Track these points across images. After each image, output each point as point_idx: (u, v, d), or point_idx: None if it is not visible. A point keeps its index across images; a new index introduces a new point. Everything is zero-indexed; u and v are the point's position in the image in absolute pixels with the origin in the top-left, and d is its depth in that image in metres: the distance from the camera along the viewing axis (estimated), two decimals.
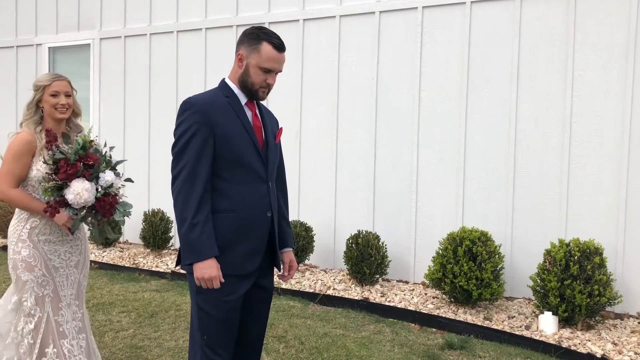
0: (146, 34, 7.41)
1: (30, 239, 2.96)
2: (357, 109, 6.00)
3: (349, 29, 6.04)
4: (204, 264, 2.28)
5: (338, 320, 4.69)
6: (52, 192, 2.75)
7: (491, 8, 5.35)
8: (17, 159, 2.91)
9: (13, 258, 2.95)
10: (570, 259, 4.37)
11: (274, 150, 2.54)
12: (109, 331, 4.40)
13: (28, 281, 2.92)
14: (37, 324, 2.94)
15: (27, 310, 2.93)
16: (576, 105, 4.99)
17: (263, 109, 2.60)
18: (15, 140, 2.94)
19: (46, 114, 3.01)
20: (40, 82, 3.00)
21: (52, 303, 2.97)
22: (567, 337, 4.26)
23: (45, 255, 2.98)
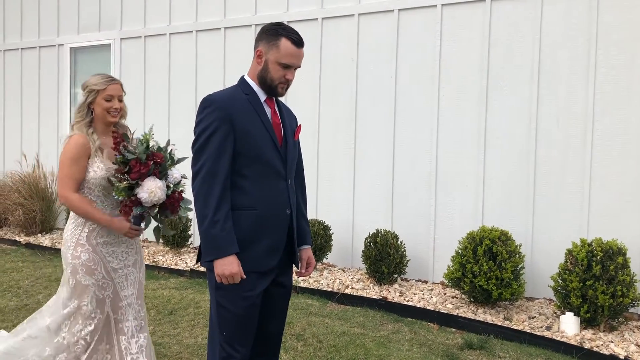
0: (166, 34, 7.47)
1: (89, 243, 2.92)
2: (376, 108, 5.98)
3: (367, 28, 6.02)
4: (224, 261, 2.29)
5: (356, 319, 4.68)
6: (124, 192, 2.75)
7: (512, 5, 5.29)
8: (75, 162, 2.88)
9: (72, 263, 2.90)
10: (592, 259, 4.30)
11: (293, 147, 2.55)
12: None
13: (89, 285, 2.89)
14: (97, 325, 2.92)
15: (87, 314, 2.91)
16: (599, 103, 4.92)
17: (282, 106, 2.60)
18: (70, 143, 2.91)
19: (97, 116, 2.96)
20: (94, 86, 2.94)
21: (112, 303, 2.95)
22: (589, 339, 4.20)
23: (105, 258, 2.94)
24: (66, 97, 8.49)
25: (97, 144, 2.91)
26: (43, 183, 8.01)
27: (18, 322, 4.44)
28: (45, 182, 8.05)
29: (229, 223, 2.29)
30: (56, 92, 8.60)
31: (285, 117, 2.56)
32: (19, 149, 8.93)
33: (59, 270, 6.17)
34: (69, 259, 2.91)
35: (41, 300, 5.04)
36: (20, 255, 7.01)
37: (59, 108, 8.57)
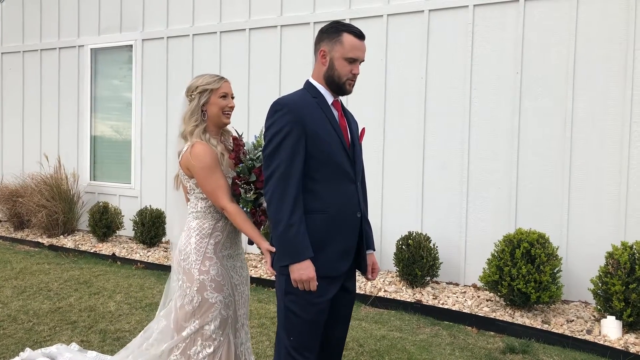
0: (189, 35, 7.44)
1: (217, 256, 2.71)
2: (405, 109, 5.94)
3: (396, 28, 5.98)
4: (301, 265, 2.26)
5: (393, 323, 4.64)
6: (252, 204, 2.62)
7: (546, 6, 5.24)
8: (214, 170, 2.65)
9: (200, 279, 2.66)
10: (635, 262, 4.26)
11: (359, 150, 2.53)
12: None
13: (216, 303, 2.68)
14: (216, 348, 2.70)
15: (207, 334, 2.69)
16: (636, 104, 4.87)
17: (345, 110, 2.57)
18: (199, 154, 2.65)
19: (210, 119, 2.76)
20: (207, 85, 2.74)
21: (232, 325, 2.78)
22: (633, 343, 4.15)
23: (229, 272, 2.75)
24: (87, 99, 8.48)
25: (219, 150, 2.72)
26: (65, 184, 7.99)
27: (54, 325, 4.46)
28: (67, 184, 8.04)
29: (303, 227, 2.27)
30: (76, 93, 8.58)
31: (349, 119, 2.55)
32: (38, 151, 8.92)
33: (85, 272, 6.16)
34: (196, 274, 2.67)
35: (73, 303, 5.02)
36: (45, 257, 6.99)
37: (79, 110, 8.56)
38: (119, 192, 8.15)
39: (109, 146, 8.48)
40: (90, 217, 7.53)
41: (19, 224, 8.43)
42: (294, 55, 6.62)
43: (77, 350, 3.96)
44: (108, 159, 8.47)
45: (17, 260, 6.72)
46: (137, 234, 7.20)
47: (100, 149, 8.53)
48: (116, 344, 4.14)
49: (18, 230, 8.48)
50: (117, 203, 8.00)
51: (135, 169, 8.00)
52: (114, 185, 8.23)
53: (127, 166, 8.16)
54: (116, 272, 6.20)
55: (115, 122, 8.43)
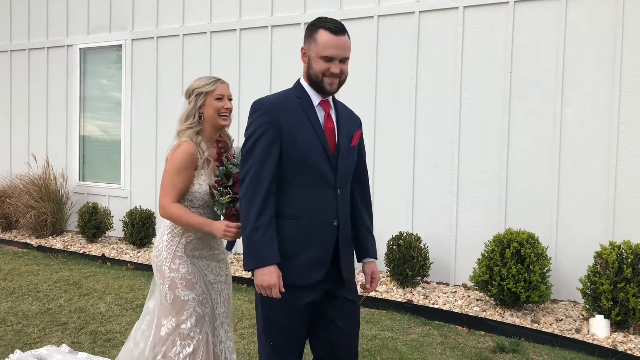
0: (179, 35, 7.42)
1: (187, 255, 2.74)
2: (396, 109, 5.96)
3: (387, 29, 6.00)
4: (264, 271, 2.18)
5: (384, 323, 4.66)
6: (226, 206, 2.61)
7: (535, 7, 5.29)
8: (180, 171, 2.67)
9: (170, 276, 2.70)
10: (623, 261, 4.31)
11: (348, 154, 2.40)
12: None
13: (189, 300, 2.70)
14: (196, 347, 2.71)
15: (185, 332, 2.70)
16: (624, 105, 4.92)
17: (341, 110, 2.46)
18: (178, 151, 2.70)
19: (207, 121, 2.78)
20: (202, 88, 2.76)
21: (210, 322, 2.78)
22: (621, 341, 4.20)
23: (202, 271, 2.77)
24: (75, 99, 8.42)
25: (205, 155, 2.72)
26: (54, 185, 7.93)
27: (44, 327, 4.43)
28: (56, 184, 7.98)
29: (271, 230, 2.20)
30: (65, 93, 8.53)
31: (343, 121, 2.42)
32: (26, 151, 8.85)
33: (75, 273, 6.12)
34: (166, 272, 2.72)
35: (63, 305, 4.99)
36: (33, 258, 6.94)
37: (68, 109, 8.50)
38: (108, 193, 8.10)
39: (98, 146, 8.43)
40: (80, 218, 7.49)
41: (7, 224, 8.36)
42: (285, 55, 6.62)
43: (68, 351, 3.94)
44: (97, 159, 8.42)
45: (5, 261, 6.66)
46: (126, 235, 7.17)
47: (90, 149, 8.48)
48: (107, 345, 4.13)
49: (6, 231, 8.40)
50: (107, 204, 7.95)
51: (125, 170, 7.96)
52: (103, 186, 8.18)
53: (117, 166, 8.12)
54: (106, 273, 6.16)
55: (104, 122, 8.38)
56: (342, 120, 2.43)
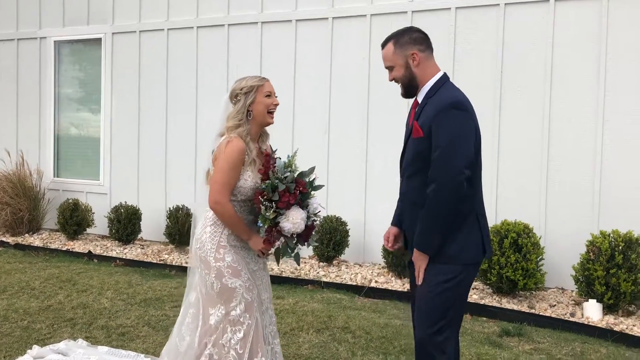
0: (163, 29, 7.36)
1: (230, 244, 2.81)
2: (389, 107, 6.12)
3: (380, 29, 6.15)
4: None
5: (391, 312, 4.82)
6: (270, 222, 2.68)
7: (525, 9, 5.56)
8: (234, 167, 2.74)
9: (217, 266, 2.75)
10: (614, 249, 4.62)
11: (411, 144, 2.63)
12: (171, 325, 4.37)
13: (237, 288, 2.76)
14: (247, 332, 2.76)
15: (235, 319, 2.75)
16: (608, 104, 5.25)
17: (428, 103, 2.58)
18: (232, 148, 2.74)
19: (255, 118, 2.83)
20: (252, 83, 2.81)
21: (258, 307, 2.84)
22: (613, 323, 4.51)
23: (244, 259, 2.84)
24: (49, 93, 8.20)
25: (253, 154, 2.79)
26: (29, 181, 7.70)
27: (51, 323, 4.37)
28: (32, 181, 7.75)
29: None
30: (38, 88, 8.28)
31: (423, 114, 2.58)
32: None
33: (64, 270, 5.99)
34: (212, 262, 2.77)
35: (63, 301, 4.91)
36: (13, 256, 6.73)
37: (41, 105, 8.26)
38: (86, 189, 7.94)
39: (74, 142, 8.24)
40: (60, 215, 7.31)
41: None
42: (276, 53, 6.69)
43: (87, 345, 3.91)
44: (74, 155, 8.23)
45: None
46: (112, 231, 7.06)
47: (65, 145, 8.27)
48: (123, 339, 4.11)
49: None
50: (85, 200, 7.78)
51: (105, 166, 7.82)
52: (80, 182, 8.01)
53: (95, 162, 7.97)
54: (96, 270, 6.06)
55: (81, 118, 8.20)
56: (422, 113, 2.59)
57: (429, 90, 2.60)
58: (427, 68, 2.63)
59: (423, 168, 2.53)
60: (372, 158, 6.21)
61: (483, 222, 2.60)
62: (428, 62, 2.63)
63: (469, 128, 2.50)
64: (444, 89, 2.57)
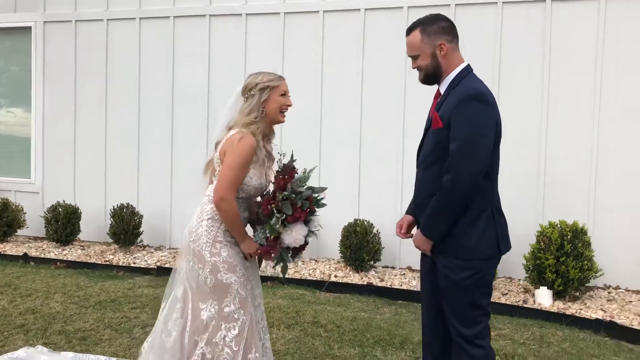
0: (102, 20, 7.02)
1: (226, 240, 2.76)
2: (342, 103, 6.18)
3: (333, 24, 6.20)
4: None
5: (355, 305, 4.87)
6: (274, 233, 2.64)
7: (474, 10, 5.79)
8: (245, 166, 2.69)
9: (212, 261, 2.70)
10: (564, 238, 4.91)
11: (430, 135, 2.63)
12: (134, 327, 4.22)
13: (232, 283, 2.71)
14: (241, 328, 2.70)
15: (229, 315, 2.69)
16: (552, 102, 5.57)
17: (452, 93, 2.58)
18: (245, 145, 2.67)
19: (268, 116, 2.78)
20: (268, 82, 2.76)
21: (252, 303, 2.80)
22: (563, 308, 4.80)
23: (239, 254, 2.79)
24: None
25: (262, 154, 2.75)
26: None
27: (0, 330, 4.05)
28: None
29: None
30: None
31: (444, 104, 2.58)
32: None
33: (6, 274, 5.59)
34: (207, 257, 2.71)
35: (7, 307, 4.58)
36: None
37: None
38: (14, 188, 7.43)
39: (1, 139, 7.69)
40: None
41: None
42: (225, 46, 6.56)
43: (48, 351, 3.68)
44: (1, 152, 7.68)
45: None
46: (49, 232, 6.66)
47: None
48: (86, 344, 3.91)
49: None
50: (14, 199, 7.28)
51: (36, 163, 7.36)
52: (7, 180, 7.48)
53: (24, 159, 7.48)
54: (36, 273, 5.70)
55: (8, 113, 7.66)
56: (444, 104, 2.59)
57: (452, 81, 2.60)
58: (453, 59, 2.63)
59: (441, 158, 2.52)
60: (326, 152, 6.23)
61: (498, 218, 2.60)
62: (454, 53, 2.63)
63: (489, 121, 2.49)
64: (467, 80, 2.57)
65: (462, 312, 2.56)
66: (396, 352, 3.87)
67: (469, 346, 2.55)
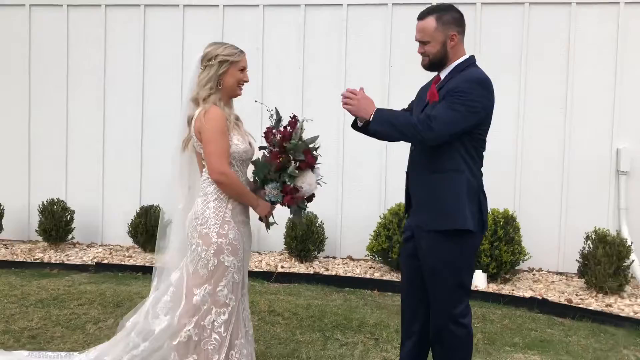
0: (25, 5, 6.63)
1: (235, 221, 2.76)
2: (283, 97, 6.24)
3: (273, 19, 6.25)
4: None
5: (307, 294, 4.98)
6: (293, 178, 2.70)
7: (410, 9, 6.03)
8: (222, 134, 2.71)
9: (218, 242, 2.71)
10: (497, 224, 5.28)
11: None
12: (86, 323, 4.09)
13: (230, 266, 2.73)
14: (230, 314, 2.73)
15: (222, 300, 2.71)
16: None
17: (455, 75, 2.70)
18: (213, 115, 2.71)
19: (226, 89, 2.81)
20: (228, 57, 2.78)
21: (240, 289, 2.82)
22: (497, 289, 5.17)
23: (243, 237, 2.81)
24: None
25: (232, 119, 2.80)
26: None
27: None
28: None
29: None
30: None
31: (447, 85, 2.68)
32: None
33: None
34: (214, 237, 2.71)
35: None
36: None
37: None
38: None
39: None
40: None
41: None
42: (159, 37, 6.43)
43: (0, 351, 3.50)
44: None
45: None
46: None
47: None
48: (37, 342, 3.76)
49: None
50: None
51: None
52: None
53: None
54: None
55: None
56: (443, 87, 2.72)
57: (458, 66, 2.71)
58: (459, 50, 2.74)
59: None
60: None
61: (483, 199, 2.77)
62: (461, 45, 2.75)
63: (484, 104, 2.64)
64: (474, 68, 2.72)
65: (449, 291, 2.71)
66: (355, 334, 4.02)
67: (455, 326, 2.71)
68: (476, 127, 2.69)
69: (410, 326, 2.96)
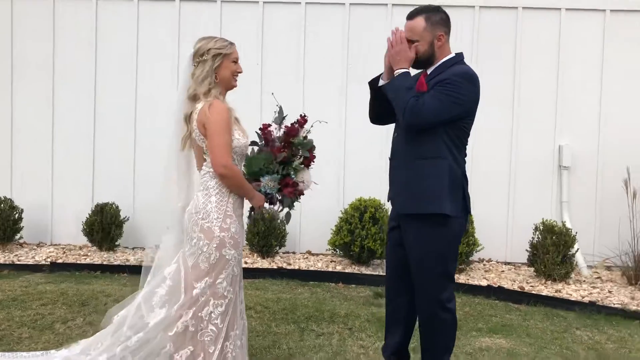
0: None
1: (236, 214, 2.81)
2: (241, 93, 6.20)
3: (232, 14, 6.24)
4: None
5: (273, 288, 5.03)
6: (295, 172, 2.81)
7: (366, 9, 6.21)
8: (228, 128, 2.74)
9: (221, 236, 2.73)
10: None
11: None
12: (54, 323, 3.98)
13: (231, 259, 2.77)
14: (227, 306, 2.76)
15: (220, 292, 2.75)
16: None
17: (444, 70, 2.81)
18: (218, 109, 2.74)
19: (221, 82, 2.84)
20: (220, 49, 2.80)
21: (238, 282, 2.88)
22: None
23: (242, 231, 2.88)
24: None
25: (233, 113, 2.84)
26: None
27: None
28: None
29: None
30: None
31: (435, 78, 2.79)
32: None
33: None
34: (217, 232, 2.74)
35: None
36: None
37: None
38: None
39: None
40: None
41: None
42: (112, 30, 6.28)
43: None
44: None
45: None
46: None
47: None
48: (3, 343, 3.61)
49: None
50: None
51: None
52: None
53: None
54: None
55: None
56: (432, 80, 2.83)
57: (443, 64, 2.82)
58: (446, 49, 2.86)
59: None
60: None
61: (467, 187, 2.91)
62: (447, 45, 2.87)
63: (471, 97, 2.78)
64: (462, 65, 2.84)
65: (436, 279, 2.85)
66: (329, 325, 4.13)
67: (442, 312, 2.84)
68: (460, 119, 2.82)
69: (395, 313, 3.08)
